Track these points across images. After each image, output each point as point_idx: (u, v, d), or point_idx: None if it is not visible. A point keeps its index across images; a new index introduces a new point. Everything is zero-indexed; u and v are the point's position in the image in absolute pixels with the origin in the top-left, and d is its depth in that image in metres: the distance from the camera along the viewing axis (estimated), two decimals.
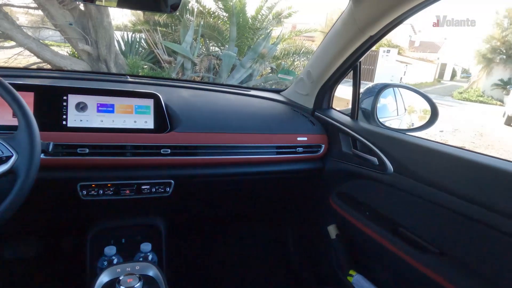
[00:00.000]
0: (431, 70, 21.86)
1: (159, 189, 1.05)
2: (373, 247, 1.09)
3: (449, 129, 7.06)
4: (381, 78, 14.90)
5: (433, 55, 22.83)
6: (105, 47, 4.34)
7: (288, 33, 7.27)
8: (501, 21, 13.27)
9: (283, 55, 6.75)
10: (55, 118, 0.95)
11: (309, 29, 7.38)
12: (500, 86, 13.21)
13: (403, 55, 17.20)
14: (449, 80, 25.29)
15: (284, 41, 7.06)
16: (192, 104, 1.17)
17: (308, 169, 1.26)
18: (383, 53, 16.00)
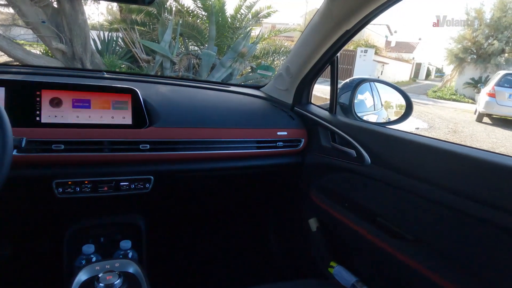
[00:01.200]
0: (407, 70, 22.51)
1: (138, 185, 1.03)
2: (353, 238, 1.12)
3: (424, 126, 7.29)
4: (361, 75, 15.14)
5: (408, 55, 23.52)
6: (81, 46, 4.22)
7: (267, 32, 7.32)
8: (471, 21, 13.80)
9: (263, 55, 6.78)
10: (28, 114, 0.91)
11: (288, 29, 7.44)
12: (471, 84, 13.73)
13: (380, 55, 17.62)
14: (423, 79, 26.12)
15: (264, 41, 7.10)
16: (171, 100, 1.16)
17: (288, 163, 1.28)
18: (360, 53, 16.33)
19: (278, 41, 7.46)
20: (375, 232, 1.00)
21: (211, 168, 1.14)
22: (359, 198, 1.11)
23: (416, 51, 25.01)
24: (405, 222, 0.95)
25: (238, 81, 5.68)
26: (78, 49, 4.21)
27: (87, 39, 4.38)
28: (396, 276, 1.00)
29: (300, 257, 1.43)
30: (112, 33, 5.94)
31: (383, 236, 0.97)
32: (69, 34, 4.14)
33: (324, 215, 1.25)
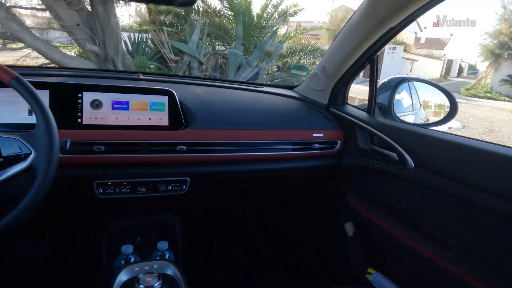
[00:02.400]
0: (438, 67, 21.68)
1: (175, 186, 1.03)
2: (393, 244, 1.07)
3: (457, 125, 6.99)
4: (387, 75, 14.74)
5: (439, 51, 22.64)
6: (113, 47, 4.34)
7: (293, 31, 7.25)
8: (508, 16, 13.10)
9: (289, 53, 6.73)
10: (70, 116, 0.94)
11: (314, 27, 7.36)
12: (508, 82, 13.03)
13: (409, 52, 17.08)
14: (455, 76, 25.05)
15: (290, 39, 7.04)
16: (206, 101, 1.16)
17: (324, 165, 1.24)
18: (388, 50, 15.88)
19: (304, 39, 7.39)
20: (418, 239, 0.95)
21: (246, 170, 1.12)
22: (401, 203, 1.06)
23: (447, 48, 24.02)
24: (450, 229, 0.90)
25: (265, 80, 5.66)
26: (110, 51, 4.34)
27: (119, 40, 4.51)
28: (440, 285, 0.94)
29: (335, 262, 1.39)
30: (142, 34, 6.08)
31: (427, 243, 0.92)
32: (102, 36, 4.27)
33: (362, 219, 1.21)
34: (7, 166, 0.68)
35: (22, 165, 0.68)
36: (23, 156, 0.69)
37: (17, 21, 4.02)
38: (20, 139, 0.69)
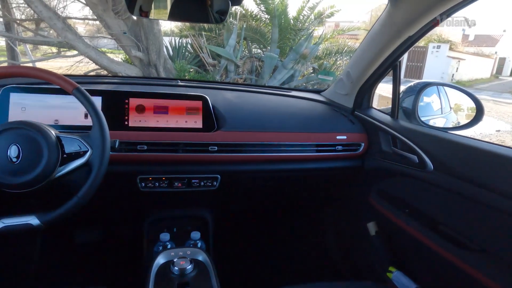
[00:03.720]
0: (488, 66, 20.27)
1: (207, 183, 1.15)
2: (413, 244, 1.11)
3: (506, 128, 6.55)
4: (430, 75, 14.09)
5: (490, 49, 21.17)
6: (155, 53, 4.62)
7: (330, 32, 7.20)
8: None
9: (325, 55, 6.70)
10: (119, 119, 1.08)
11: (352, 27, 7.25)
12: None
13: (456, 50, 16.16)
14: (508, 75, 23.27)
15: (327, 41, 7.00)
16: (236, 105, 1.26)
17: (348, 166, 1.30)
18: (432, 49, 15.12)
19: (341, 40, 7.31)
20: (437, 240, 0.98)
21: (272, 170, 1.21)
22: (421, 205, 1.09)
23: (499, 45, 22.41)
24: (469, 231, 0.92)
25: (300, 83, 5.70)
26: (153, 56, 4.62)
27: (161, 46, 4.78)
28: (459, 286, 0.97)
29: (358, 259, 1.44)
30: (182, 39, 6.36)
31: (445, 244, 0.95)
32: (145, 42, 4.56)
33: (383, 219, 1.25)
34: (69, 161, 0.82)
35: (81, 160, 0.82)
36: (81, 153, 0.83)
37: (72, 31, 4.41)
38: (79, 139, 0.83)
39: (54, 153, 0.80)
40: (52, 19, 4.18)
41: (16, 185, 0.76)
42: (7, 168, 0.76)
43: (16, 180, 0.76)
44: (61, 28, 4.25)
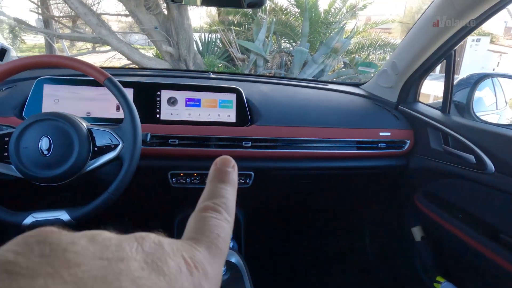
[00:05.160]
0: None
1: (240, 180, 1.09)
2: (467, 254, 1.00)
3: None
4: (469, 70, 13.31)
5: None
6: (185, 48, 4.64)
7: (362, 25, 6.95)
8: None
9: (357, 49, 6.47)
10: (151, 112, 1.04)
11: (385, 21, 6.95)
12: None
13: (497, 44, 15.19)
14: None
15: (359, 34, 6.76)
16: (271, 98, 1.19)
17: (391, 166, 1.20)
18: (471, 42, 14.30)
19: (374, 34, 7.03)
20: (497, 250, 0.87)
21: (309, 167, 1.13)
22: (477, 210, 0.98)
23: None
24: None
25: (330, 77, 5.54)
26: (183, 51, 4.64)
27: (191, 41, 4.79)
28: None
29: (400, 267, 1.33)
30: (212, 34, 6.37)
31: (509, 256, 0.84)
32: (176, 37, 4.59)
33: (431, 224, 1.14)
34: (100, 154, 0.79)
35: (112, 154, 0.79)
36: (113, 146, 0.79)
37: (105, 27, 4.50)
38: (111, 131, 0.80)
39: (85, 146, 0.77)
40: (87, 15, 4.29)
41: (46, 179, 0.74)
42: (38, 161, 0.74)
43: (46, 174, 0.74)
44: (96, 24, 4.35)
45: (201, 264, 0.16)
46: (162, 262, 0.14)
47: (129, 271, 0.13)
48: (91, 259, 0.12)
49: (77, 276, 0.11)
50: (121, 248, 0.14)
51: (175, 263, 0.15)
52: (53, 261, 0.12)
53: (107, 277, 0.12)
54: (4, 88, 1.02)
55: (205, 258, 0.16)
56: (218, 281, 0.16)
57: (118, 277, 0.12)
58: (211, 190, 0.21)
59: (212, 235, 0.18)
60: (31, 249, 0.12)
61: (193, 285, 0.14)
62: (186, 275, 0.14)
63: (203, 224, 0.19)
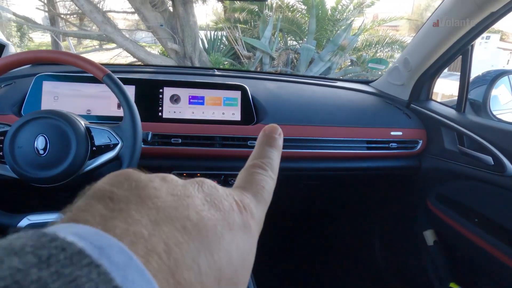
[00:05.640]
0: None
1: None
2: (483, 260, 0.95)
3: None
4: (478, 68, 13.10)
5: None
6: (191, 45, 4.60)
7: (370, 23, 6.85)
8: None
9: (365, 46, 6.38)
10: (153, 109, 1.01)
11: (393, 18, 6.83)
12: None
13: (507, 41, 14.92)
14: None
15: (366, 32, 6.67)
16: (278, 96, 1.15)
17: (402, 166, 1.15)
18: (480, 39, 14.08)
19: (381, 31, 6.93)
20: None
21: (317, 168, 1.09)
22: (495, 214, 0.93)
23: None
24: None
25: (337, 75, 5.47)
26: (188, 49, 4.60)
27: (196, 39, 4.76)
28: None
29: (411, 272, 1.28)
30: (217, 32, 6.32)
31: None
32: (181, 35, 4.55)
33: (444, 228, 1.09)
34: (98, 154, 0.75)
35: (111, 154, 0.75)
36: (111, 146, 0.76)
37: (111, 24, 4.49)
38: (109, 130, 0.76)
39: (83, 146, 0.73)
40: (92, 12, 4.27)
41: (42, 180, 0.71)
42: (34, 161, 0.70)
43: (42, 174, 0.70)
44: (101, 21, 4.34)
45: (248, 206, 0.19)
46: (217, 201, 0.17)
47: (194, 205, 0.16)
48: (165, 194, 0.16)
49: (156, 205, 0.15)
50: (186, 188, 0.17)
51: (228, 203, 0.18)
52: (139, 193, 0.15)
53: (178, 208, 0.15)
54: (3, 85, 0.99)
55: (252, 202, 0.20)
56: (261, 224, 0.20)
57: (186, 208, 0.16)
58: (259, 152, 0.24)
59: (258, 186, 0.21)
60: (121, 184, 0.15)
61: (242, 221, 0.18)
62: (237, 213, 0.18)
63: (250, 178, 0.22)
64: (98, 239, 0.11)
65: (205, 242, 0.15)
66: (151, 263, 0.12)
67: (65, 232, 0.11)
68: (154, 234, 0.14)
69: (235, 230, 0.17)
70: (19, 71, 1.05)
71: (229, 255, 0.16)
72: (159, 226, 0.14)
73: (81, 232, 0.11)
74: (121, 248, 0.11)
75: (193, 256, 0.14)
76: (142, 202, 0.15)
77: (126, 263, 0.11)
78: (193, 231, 0.15)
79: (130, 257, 0.11)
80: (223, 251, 0.15)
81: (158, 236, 0.14)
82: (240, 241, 0.17)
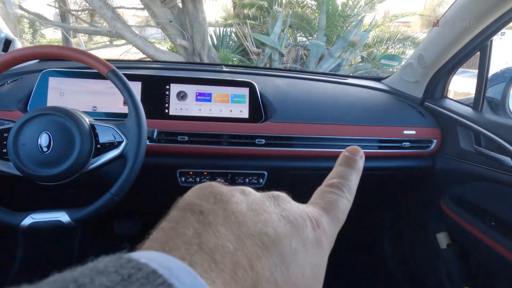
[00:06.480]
0: None
1: (252, 180, 1.02)
2: (499, 264, 0.91)
3: None
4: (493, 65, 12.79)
5: None
6: (200, 42, 4.58)
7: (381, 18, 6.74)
8: None
9: (376, 43, 6.27)
10: (159, 106, 0.99)
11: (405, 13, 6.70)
12: None
13: None
14: None
15: (377, 28, 6.55)
16: (287, 93, 1.12)
17: (415, 167, 1.11)
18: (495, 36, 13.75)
19: (393, 27, 6.81)
20: None
21: (326, 167, 1.05)
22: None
23: None
24: None
25: (347, 72, 5.39)
26: (197, 45, 4.58)
27: (206, 35, 4.73)
28: None
29: (423, 275, 1.24)
30: (226, 28, 6.29)
31: None
32: (190, 31, 4.53)
33: (458, 231, 1.05)
34: (103, 152, 0.74)
35: (115, 152, 0.74)
36: (116, 143, 0.74)
37: (120, 20, 4.49)
38: (114, 127, 0.75)
39: (87, 143, 0.72)
40: (102, 9, 4.28)
41: (45, 177, 0.69)
42: (37, 159, 0.69)
43: (46, 172, 0.69)
44: (111, 17, 4.34)
45: (321, 224, 0.19)
46: (292, 217, 0.18)
47: (271, 220, 0.17)
48: (246, 209, 0.17)
49: (238, 220, 0.17)
50: (263, 202, 0.18)
51: (302, 220, 0.18)
52: (224, 207, 0.17)
53: (257, 224, 0.17)
54: (9, 81, 0.98)
55: (325, 221, 0.20)
56: (332, 241, 0.20)
57: (265, 224, 0.17)
58: (339, 172, 0.24)
59: (333, 206, 0.21)
60: (207, 198, 0.17)
61: (315, 238, 0.18)
62: (310, 230, 0.18)
63: (327, 196, 0.22)
64: (166, 260, 0.13)
65: (281, 257, 0.16)
66: (238, 275, 0.14)
67: (139, 255, 0.13)
68: (238, 248, 0.15)
69: (308, 246, 0.18)
70: (25, 66, 1.04)
71: (303, 270, 0.17)
72: (242, 241, 0.15)
73: (151, 256, 0.13)
74: (187, 270, 0.13)
75: (271, 270, 0.15)
76: (227, 217, 0.16)
77: (192, 282, 0.12)
78: (270, 246, 0.16)
79: (195, 277, 0.12)
80: (297, 266, 0.17)
81: (241, 251, 0.15)
82: (312, 257, 0.18)
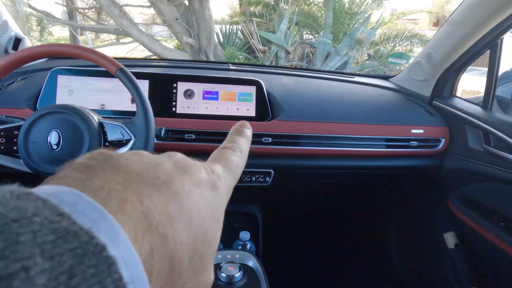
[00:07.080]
0: None
1: (259, 178, 1.03)
2: (507, 265, 0.90)
3: None
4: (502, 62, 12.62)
5: None
6: (206, 39, 4.58)
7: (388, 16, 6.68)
8: None
9: (383, 40, 6.22)
10: (166, 104, 0.99)
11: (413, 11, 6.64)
12: None
13: None
14: None
15: (384, 25, 6.50)
16: (294, 92, 1.12)
17: (423, 166, 1.10)
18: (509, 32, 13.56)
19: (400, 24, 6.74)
20: None
21: (333, 166, 1.06)
22: None
23: None
24: None
25: (353, 70, 5.36)
26: (203, 43, 4.58)
27: (212, 33, 4.73)
28: None
29: (429, 275, 1.24)
30: (232, 26, 6.28)
31: None
32: (196, 29, 4.54)
33: (467, 231, 1.04)
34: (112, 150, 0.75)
35: (124, 150, 0.74)
36: (124, 141, 0.75)
37: (127, 18, 4.51)
38: (122, 126, 0.75)
39: (96, 141, 0.72)
40: (109, 6, 4.30)
41: None
42: (47, 156, 0.70)
43: (55, 169, 0.69)
44: (118, 15, 4.36)
45: (216, 171, 0.20)
46: (187, 166, 0.19)
47: (164, 168, 0.17)
48: (136, 162, 0.17)
49: (127, 170, 0.16)
50: (157, 157, 0.19)
51: (197, 168, 0.19)
52: (113, 162, 0.16)
53: (148, 170, 0.17)
54: (18, 79, 0.99)
55: (219, 169, 0.21)
56: (229, 191, 0.21)
57: (156, 170, 0.17)
58: (231, 139, 0.25)
59: (227, 160, 0.23)
60: (96, 157, 0.17)
61: (210, 180, 0.19)
62: (204, 174, 0.19)
63: (221, 154, 0.23)
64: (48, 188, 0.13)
65: (175, 195, 0.16)
66: (125, 208, 0.14)
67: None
68: (126, 188, 0.15)
69: (202, 187, 0.18)
70: (34, 65, 1.05)
71: (198, 206, 0.17)
72: (130, 184, 0.15)
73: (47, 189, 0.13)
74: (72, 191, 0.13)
75: (163, 205, 0.16)
76: (115, 168, 0.16)
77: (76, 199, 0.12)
78: (162, 186, 0.16)
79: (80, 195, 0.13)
80: (192, 202, 0.17)
81: (130, 190, 0.15)
82: (208, 196, 0.18)
